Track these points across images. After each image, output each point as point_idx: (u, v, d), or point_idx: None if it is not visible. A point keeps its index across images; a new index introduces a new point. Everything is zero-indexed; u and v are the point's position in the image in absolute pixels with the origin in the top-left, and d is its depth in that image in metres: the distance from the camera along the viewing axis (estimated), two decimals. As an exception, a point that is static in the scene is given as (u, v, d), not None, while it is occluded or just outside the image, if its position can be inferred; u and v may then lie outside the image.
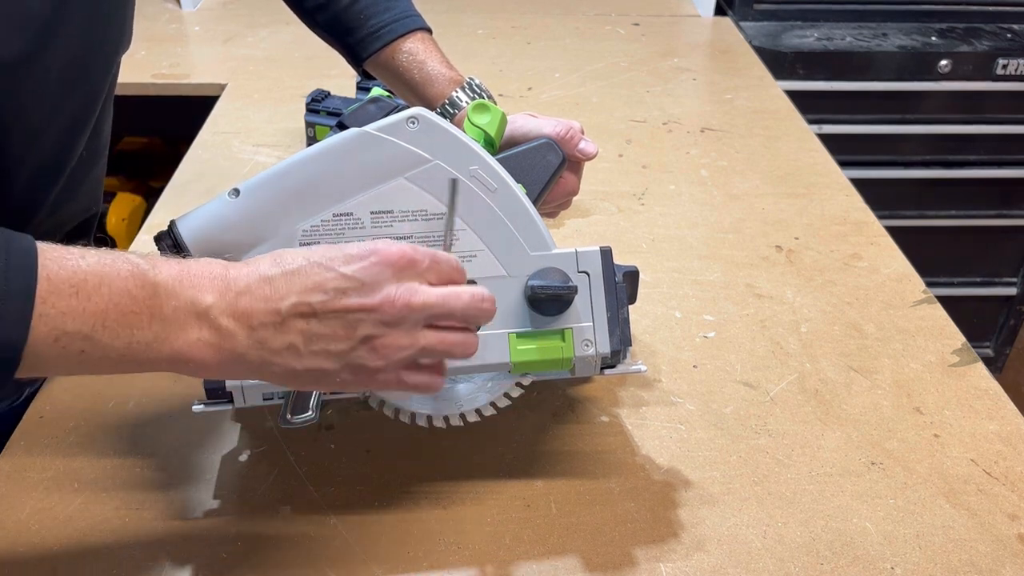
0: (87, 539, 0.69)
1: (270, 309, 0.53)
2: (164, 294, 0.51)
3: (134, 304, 0.50)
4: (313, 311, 0.53)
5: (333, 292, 0.53)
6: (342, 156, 0.65)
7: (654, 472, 0.77)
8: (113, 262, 0.50)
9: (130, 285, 0.50)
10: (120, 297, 0.50)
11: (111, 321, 0.50)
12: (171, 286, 0.51)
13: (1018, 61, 1.80)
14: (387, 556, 0.69)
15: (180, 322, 0.52)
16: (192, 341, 0.52)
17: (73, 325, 0.49)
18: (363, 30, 0.88)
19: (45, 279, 0.48)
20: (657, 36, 1.79)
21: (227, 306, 0.52)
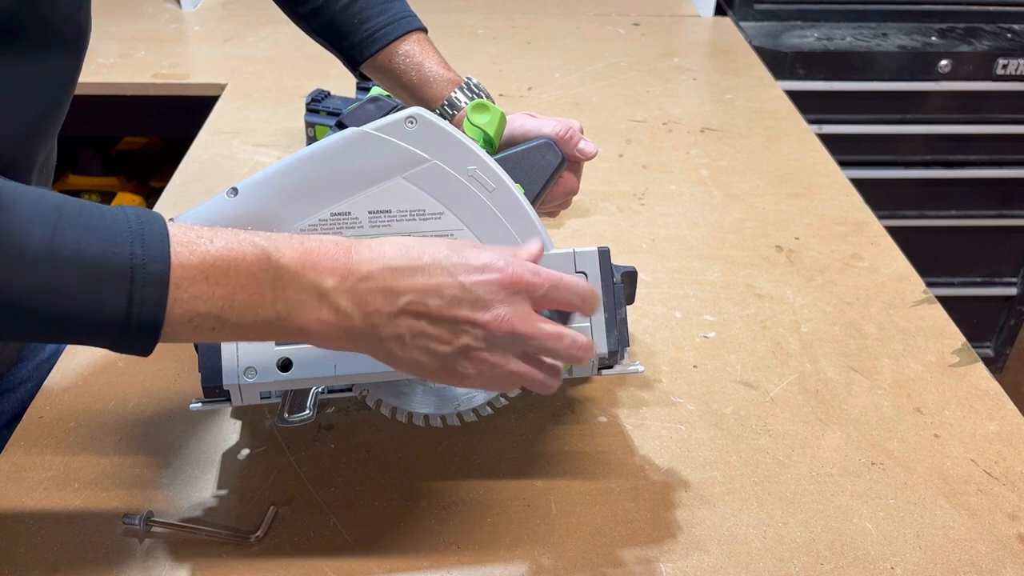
0: (87, 539, 0.69)
1: (387, 300, 0.55)
2: (288, 277, 0.54)
3: (259, 286, 0.53)
4: (426, 312, 0.56)
5: (448, 299, 0.56)
6: (340, 155, 0.65)
7: (654, 472, 0.77)
8: (239, 245, 0.53)
9: (255, 269, 0.53)
10: (246, 280, 0.53)
11: (239, 303, 0.53)
12: (294, 269, 0.54)
13: (1018, 61, 1.80)
14: (387, 556, 0.69)
15: (302, 303, 0.54)
16: (313, 319, 0.55)
17: (204, 307, 0.52)
18: (358, 34, 0.88)
19: (178, 266, 0.51)
20: (657, 36, 1.79)
21: (347, 289, 0.55)
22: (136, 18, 1.79)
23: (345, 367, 0.65)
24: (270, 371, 0.64)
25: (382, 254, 0.56)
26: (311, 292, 0.54)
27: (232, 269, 0.52)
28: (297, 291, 0.54)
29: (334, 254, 0.55)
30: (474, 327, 0.56)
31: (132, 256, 0.50)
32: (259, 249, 0.53)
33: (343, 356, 0.64)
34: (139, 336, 0.51)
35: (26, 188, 0.50)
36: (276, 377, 0.64)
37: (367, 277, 0.55)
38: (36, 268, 0.48)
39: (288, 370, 0.64)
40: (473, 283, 0.56)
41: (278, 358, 0.64)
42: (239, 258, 0.53)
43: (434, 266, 0.56)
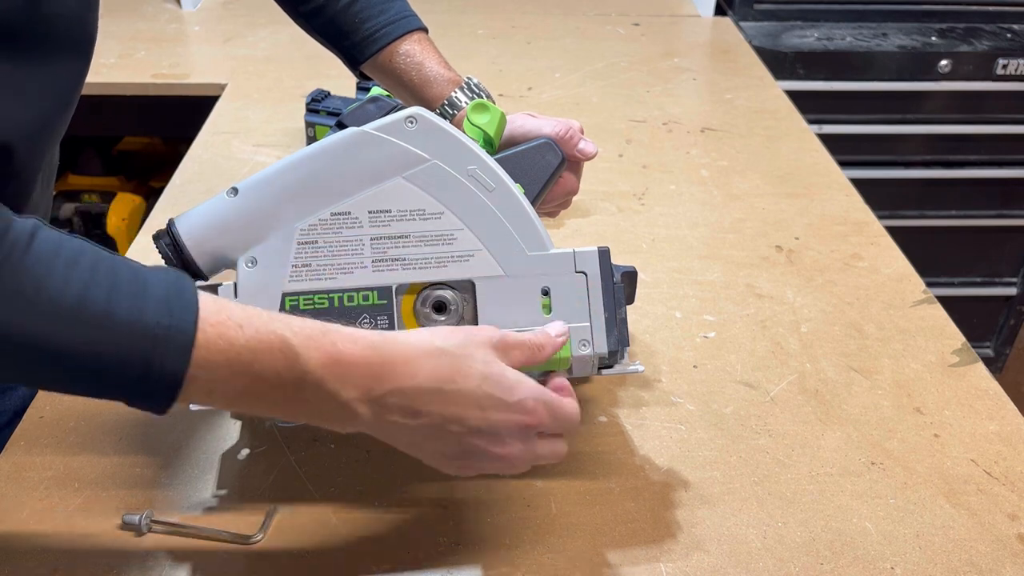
0: (87, 539, 0.69)
1: (408, 416, 0.56)
2: (310, 385, 0.54)
3: (280, 383, 0.53)
4: (442, 433, 0.57)
5: (468, 428, 0.57)
6: (340, 155, 0.65)
7: (654, 472, 0.77)
8: (268, 338, 0.52)
9: (279, 367, 0.53)
10: (268, 376, 0.53)
11: (256, 392, 0.53)
12: (319, 377, 0.54)
13: (1018, 61, 1.80)
14: (387, 556, 0.69)
15: (319, 407, 0.55)
16: (328, 416, 0.56)
17: (221, 390, 0.52)
18: (359, 33, 0.88)
19: (203, 346, 0.51)
20: (657, 36, 1.79)
21: (369, 400, 0.55)
22: (136, 18, 1.79)
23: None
24: None
25: (416, 372, 0.56)
26: (331, 400, 0.54)
27: (256, 364, 0.52)
28: (315, 396, 0.54)
29: (366, 366, 0.55)
30: (488, 455, 0.59)
31: (158, 326, 0.50)
32: (287, 348, 0.53)
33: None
34: (153, 401, 0.52)
35: (67, 239, 0.51)
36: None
37: (393, 392, 0.55)
38: (65, 321, 0.48)
39: (288, 370, 0.64)
40: (499, 420, 0.57)
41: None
42: (265, 354, 0.52)
43: (466, 395, 0.56)
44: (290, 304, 0.65)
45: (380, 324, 0.65)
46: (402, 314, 0.66)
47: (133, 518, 0.70)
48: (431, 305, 0.66)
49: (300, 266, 0.65)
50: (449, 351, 0.57)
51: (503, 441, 0.58)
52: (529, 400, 0.58)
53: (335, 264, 0.65)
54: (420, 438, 0.58)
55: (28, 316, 0.48)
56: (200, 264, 0.65)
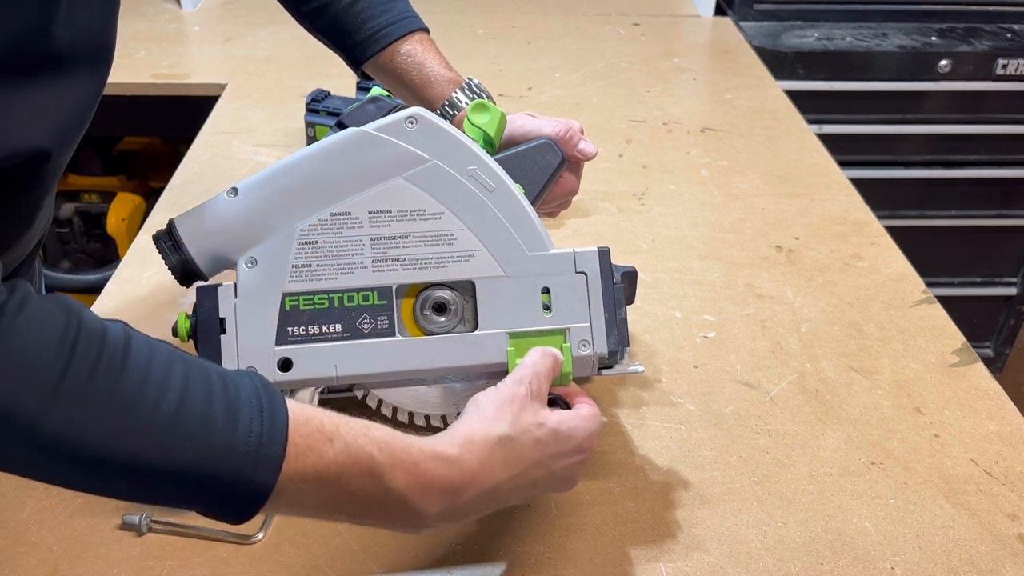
0: (87, 539, 0.69)
1: (488, 504, 0.59)
2: (394, 503, 0.54)
3: (364, 499, 0.54)
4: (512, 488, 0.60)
5: (536, 481, 0.61)
6: (340, 155, 0.65)
7: (654, 472, 0.77)
8: (356, 455, 0.53)
9: (366, 484, 0.53)
10: (353, 489, 0.53)
11: (341, 508, 0.54)
12: (403, 496, 0.54)
13: (1018, 61, 1.80)
14: (387, 556, 0.69)
15: (401, 521, 0.56)
16: (405, 525, 0.57)
17: (306, 503, 0.53)
18: (361, 33, 0.88)
19: (293, 459, 0.51)
20: (657, 36, 1.79)
21: (448, 512, 0.57)
22: (136, 18, 1.79)
23: (346, 367, 0.65)
24: (270, 371, 0.64)
25: (491, 473, 0.57)
26: (413, 516, 0.56)
27: (343, 479, 0.52)
28: (399, 513, 0.55)
29: (448, 484, 0.56)
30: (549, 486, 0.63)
31: (250, 439, 0.50)
32: (374, 466, 0.53)
33: (344, 356, 0.65)
34: (235, 511, 0.51)
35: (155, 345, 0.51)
36: (276, 377, 0.64)
37: (472, 501, 0.57)
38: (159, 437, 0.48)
39: (288, 370, 0.64)
40: (563, 468, 0.62)
41: (278, 358, 0.64)
42: (353, 470, 0.53)
43: (533, 467, 0.60)
44: (290, 304, 0.65)
45: (380, 324, 0.65)
46: (402, 315, 0.66)
47: (133, 518, 0.70)
48: (431, 306, 0.66)
49: (300, 266, 0.65)
50: (510, 436, 0.59)
51: (567, 481, 0.63)
52: (581, 440, 0.62)
53: (335, 264, 0.65)
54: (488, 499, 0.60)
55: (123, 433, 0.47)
56: (200, 264, 0.65)
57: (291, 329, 0.65)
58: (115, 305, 0.97)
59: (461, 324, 0.67)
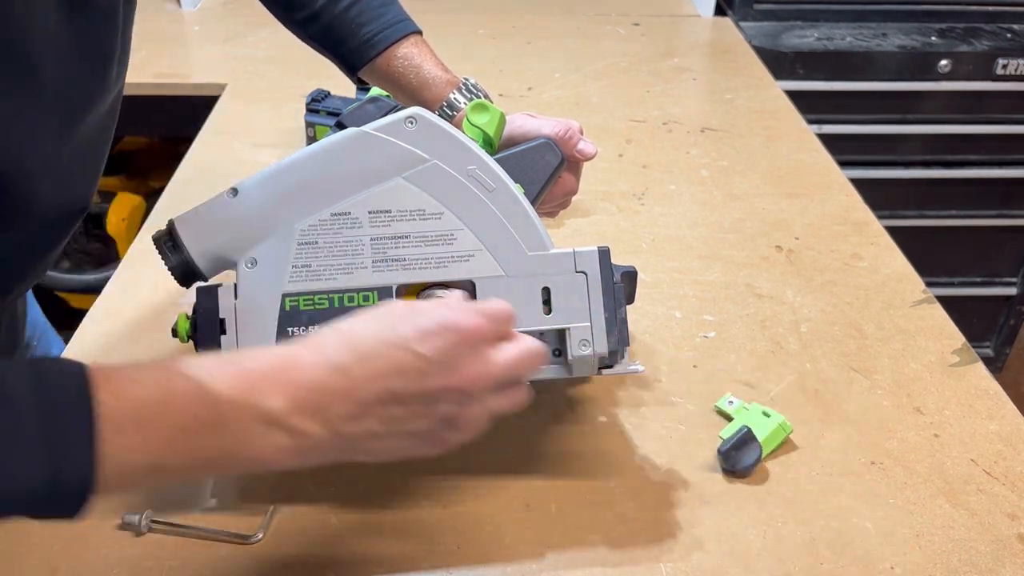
0: (87, 539, 0.69)
1: (349, 400, 0.51)
2: (228, 409, 0.49)
3: (198, 424, 0.48)
4: (395, 396, 0.52)
5: (415, 374, 0.52)
6: (340, 155, 0.65)
7: (654, 472, 0.77)
8: (169, 382, 0.48)
9: (191, 404, 0.48)
10: (183, 420, 0.47)
11: (178, 446, 0.48)
12: (233, 397, 0.49)
13: (1018, 61, 1.80)
14: (387, 556, 0.69)
15: (250, 434, 0.49)
16: (267, 449, 0.50)
17: (139, 459, 0.47)
18: (356, 39, 0.88)
19: (106, 418, 0.45)
20: (657, 36, 1.79)
21: (299, 406, 0.50)
22: (136, 18, 1.78)
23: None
24: None
25: (324, 354, 0.51)
26: (258, 420, 0.49)
27: (166, 410, 0.47)
28: (241, 422, 0.49)
29: (272, 367, 0.50)
30: (452, 392, 0.53)
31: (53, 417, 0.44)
32: (191, 382, 0.48)
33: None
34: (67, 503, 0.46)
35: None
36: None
37: (317, 386, 0.50)
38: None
39: (288, 370, 0.64)
40: (433, 351, 0.52)
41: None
42: (172, 396, 0.47)
43: (383, 348, 0.51)
44: (290, 304, 0.65)
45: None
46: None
47: (133, 518, 0.70)
48: (431, 305, 0.66)
49: (300, 266, 0.65)
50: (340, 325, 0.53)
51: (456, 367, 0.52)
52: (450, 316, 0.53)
53: (335, 264, 0.65)
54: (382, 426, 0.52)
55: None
56: (200, 264, 0.65)
57: (291, 329, 0.65)
58: (115, 305, 0.97)
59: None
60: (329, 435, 0.51)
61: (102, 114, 0.66)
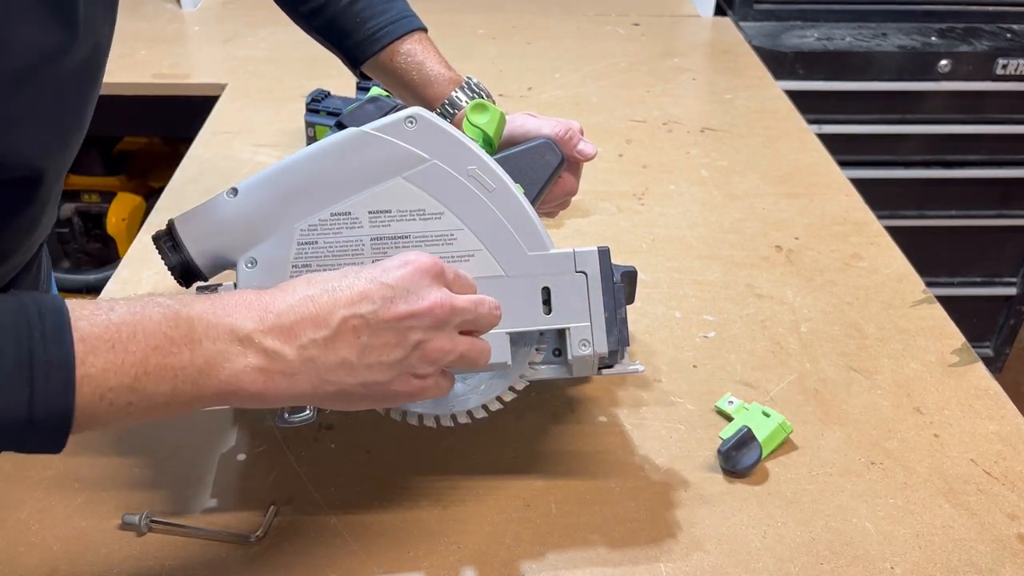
0: (87, 539, 0.69)
1: (318, 324, 0.53)
2: (201, 328, 0.50)
3: (171, 345, 0.49)
4: (365, 322, 0.54)
5: (381, 301, 0.54)
6: (340, 155, 0.65)
7: (654, 472, 0.77)
8: (143, 308, 0.49)
9: (164, 327, 0.49)
10: (156, 340, 0.49)
11: (152, 366, 0.49)
12: (206, 319, 0.50)
13: (1018, 61, 1.80)
14: (387, 556, 0.69)
15: (222, 352, 0.51)
16: (239, 370, 0.51)
17: (116, 379, 0.48)
18: (360, 33, 0.88)
19: (80, 340, 0.47)
20: (657, 36, 1.79)
21: (270, 327, 0.52)
22: (136, 18, 1.79)
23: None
24: None
25: (292, 289, 0.54)
26: (230, 339, 0.51)
27: (139, 331, 0.48)
28: (214, 341, 0.50)
29: (244, 298, 0.53)
30: (418, 319, 0.55)
31: (31, 340, 0.45)
32: (165, 307, 0.50)
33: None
34: (48, 428, 0.46)
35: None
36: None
37: (286, 311, 0.52)
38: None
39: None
40: (397, 279, 0.55)
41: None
42: (145, 319, 0.49)
43: (349, 280, 0.54)
44: (290, 304, 0.65)
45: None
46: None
47: (133, 518, 0.70)
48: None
49: (300, 266, 0.65)
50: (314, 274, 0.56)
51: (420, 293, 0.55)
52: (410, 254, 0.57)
53: (335, 264, 0.65)
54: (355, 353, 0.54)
55: None
56: (200, 264, 0.65)
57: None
58: (115, 305, 0.97)
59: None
60: (300, 359, 0.52)
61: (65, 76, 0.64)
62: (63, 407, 0.46)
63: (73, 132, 0.71)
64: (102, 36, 0.70)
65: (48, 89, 0.62)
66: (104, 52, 0.72)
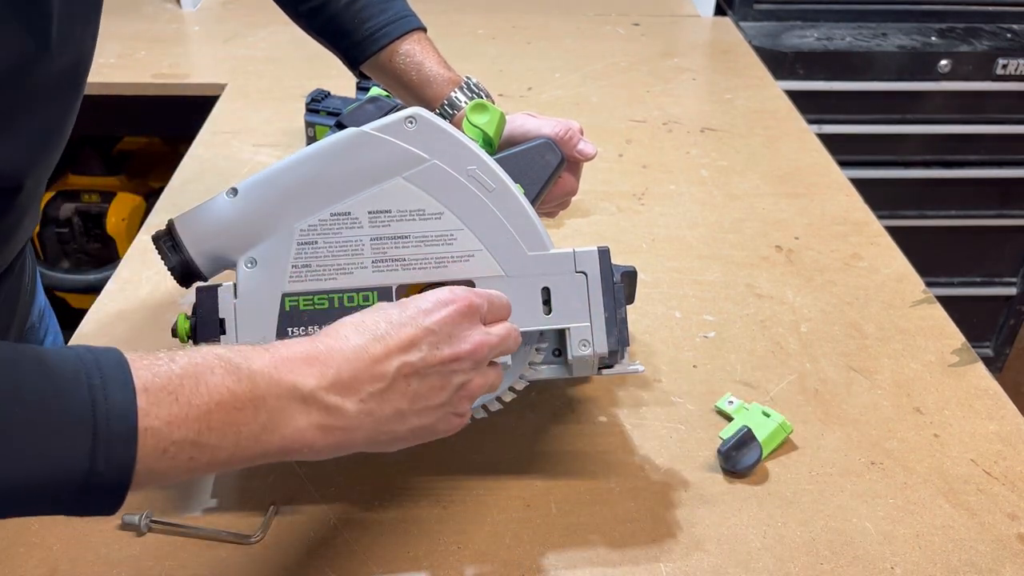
0: (87, 539, 0.69)
1: (376, 374, 0.54)
2: (264, 384, 0.50)
3: (235, 400, 0.48)
4: (415, 370, 0.55)
5: (427, 346, 0.55)
6: (340, 155, 0.65)
7: (654, 472, 0.77)
8: (204, 359, 0.49)
9: (228, 381, 0.48)
10: (220, 394, 0.48)
11: (216, 421, 0.47)
12: (268, 374, 0.50)
13: (1018, 61, 1.80)
14: (387, 556, 0.69)
15: (286, 410, 0.51)
16: (302, 427, 0.51)
17: (179, 433, 0.46)
18: (359, 33, 0.88)
19: (143, 391, 0.45)
20: (657, 36, 1.79)
21: (331, 383, 0.52)
22: (136, 18, 1.79)
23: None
24: None
25: (343, 339, 0.54)
26: (293, 396, 0.51)
27: (202, 384, 0.47)
28: (277, 398, 0.50)
29: (303, 353, 0.53)
30: (461, 361, 0.57)
31: (92, 388, 0.44)
32: (225, 360, 0.49)
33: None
34: (106, 485, 0.45)
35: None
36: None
37: (343, 364, 0.53)
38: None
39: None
40: (438, 323, 0.56)
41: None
42: (207, 371, 0.48)
43: (393, 328, 0.55)
44: (290, 305, 0.65)
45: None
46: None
47: (133, 518, 0.70)
48: (431, 305, 0.66)
49: (300, 267, 0.65)
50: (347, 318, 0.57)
51: (461, 336, 0.57)
52: (444, 294, 0.58)
53: (335, 264, 0.65)
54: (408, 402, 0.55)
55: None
56: (200, 265, 0.65)
57: (291, 330, 0.65)
58: (115, 305, 0.97)
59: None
60: (359, 413, 0.53)
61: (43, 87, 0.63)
62: (125, 458, 0.44)
63: (53, 142, 0.71)
64: (84, 49, 0.70)
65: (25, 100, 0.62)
66: (86, 64, 0.71)
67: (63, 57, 0.64)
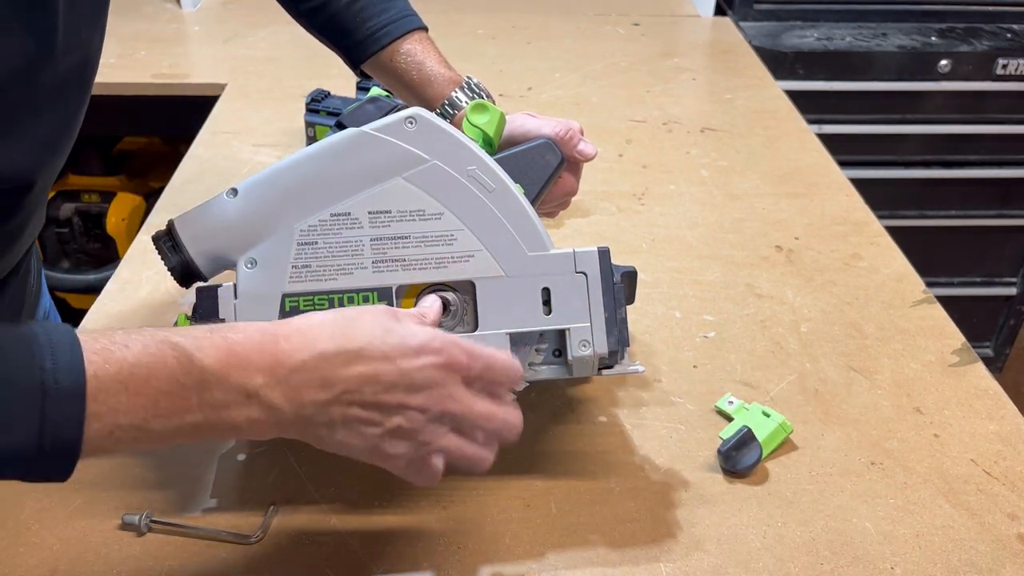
0: (87, 539, 0.69)
1: (321, 390, 0.53)
2: (213, 380, 0.51)
3: (183, 392, 0.50)
4: (360, 400, 0.54)
5: (385, 385, 0.54)
6: (340, 156, 0.65)
7: (654, 472, 0.77)
8: (158, 349, 0.50)
9: (177, 373, 0.50)
10: (168, 386, 0.50)
11: (161, 410, 0.50)
12: (218, 371, 0.51)
13: (1018, 61, 1.80)
14: (387, 556, 0.69)
15: (229, 404, 0.52)
16: (241, 419, 0.53)
17: (125, 419, 0.49)
18: (361, 32, 0.88)
19: (93, 377, 0.47)
20: (657, 36, 1.79)
21: (277, 383, 0.53)
22: (136, 18, 1.79)
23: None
24: None
25: (314, 340, 0.53)
26: (239, 392, 0.52)
27: (153, 376, 0.49)
28: (224, 392, 0.51)
29: (260, 346, 0.53)
30: (408, 409, 0.55)
31: (43, 371, 0.46)
32: (180, 352, 0.50)
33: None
34: (55, 459, 0.47)
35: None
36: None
37: (299, 368, 0.53)
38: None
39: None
40: (410, 368, 0.54)
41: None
42: (159, 363, 0.50)
43: (370, 349, 0.54)
44: (290, 305, 0.65)
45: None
46: (402, 314, 0.66)
47: (133, 518, 0.70)
48: (431, 305, 0.66)
49: (300, 267, 0.65)
50: (341, 314, 0.56)
51: (420, 388, 0.55)
52: (435, 341, 0.55)
53: (335, 265, 0.65)
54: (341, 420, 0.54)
55: None
56: (200, 265, 0.65)
57: (291, 329, 0.65)
58: (115, 305, 0.97)
59: (461, 325, 0.67)
60: (295, 415, 0.54)
61: (51, 87, 0.64)
62: (71, 440, 0.47)
63: (61, 143, 0.71)
64: (91, 50, 0.70)
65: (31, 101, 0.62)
66: (93, 65, 0.72)
67: (69, 58, 0.64)
